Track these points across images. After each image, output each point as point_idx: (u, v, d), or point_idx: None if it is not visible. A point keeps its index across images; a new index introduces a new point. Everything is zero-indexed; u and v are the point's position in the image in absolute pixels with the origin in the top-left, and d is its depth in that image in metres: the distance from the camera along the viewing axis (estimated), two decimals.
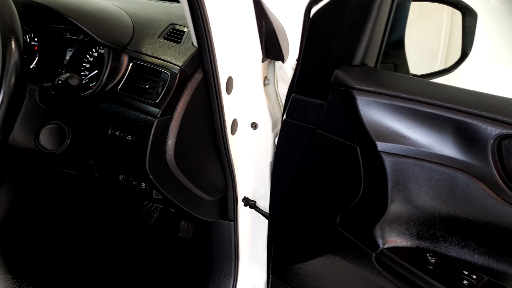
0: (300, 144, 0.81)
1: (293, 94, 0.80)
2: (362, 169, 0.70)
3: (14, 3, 0.72)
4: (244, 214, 1.08)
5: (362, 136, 0.68)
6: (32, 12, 0.77)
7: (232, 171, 0.99)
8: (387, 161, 0.66)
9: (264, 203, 1.06)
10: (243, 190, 1.05)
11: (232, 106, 0.92)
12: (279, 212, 0.89)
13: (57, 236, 1.44)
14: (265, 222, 1.08)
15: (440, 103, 0.62)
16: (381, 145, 0.66)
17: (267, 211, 1.05)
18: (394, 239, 0.72)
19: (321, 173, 0.79)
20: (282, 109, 1.02)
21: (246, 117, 0.97)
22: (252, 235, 1.13)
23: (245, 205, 1.06)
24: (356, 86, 0.67)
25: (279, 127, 1.02)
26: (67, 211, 1.47)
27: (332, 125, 0.74)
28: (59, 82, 0.76)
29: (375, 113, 0.66)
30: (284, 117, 0.83)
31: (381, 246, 0.72)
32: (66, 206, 1.46)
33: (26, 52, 1.01)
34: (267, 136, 0.98)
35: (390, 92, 0.65)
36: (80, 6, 0.88)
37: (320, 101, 0.75)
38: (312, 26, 0.73)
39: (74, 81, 0.76)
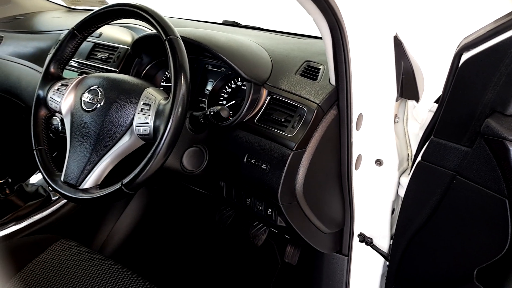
0: (436, 189, 0.79)
1: (432, 137, 0.78)
2: (510, 224, 0.66)
3: None
4: (359, 250, 1.07)
5: None
6: (187, 48, 0.87)
7: (352, 205, 1.00)
8: None
9: (381, 242, 1.04)
10: (360, 225, 1.04)
11: (359, 142, 0.93)
12: (404, 255, 0.87)
13: (174, 244, 1.57)
14: (380, 261, 1.06)
15: None
16: None
17: (384, 250, 1.03)
18: None
19: (459, 221, 0.75)
20: (409, 148, 1.01)
21: (371, 154, 0.98)
22: (365, 272, 1.11)
23: (360, 241, 1.05)
24: (511, 138, 0.64)
25: (404, 165, 1.00)
26: (187, 223, 1.60)
27: (477, 174, 0.71)
28: (212, 113, 0.85)
29: None
30: (419, 159, 0.82)
31: None
32: (187, 219, 1.60)
33: None
34: (392, 174, 0.97)
35: None
36: (230, 44, 0.98)
37: (464, 147, 0.73)
38: (462, 72, 0.72)
39: (224, 113, 0.85)
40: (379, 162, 0.98)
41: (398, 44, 0.85)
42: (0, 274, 0.95)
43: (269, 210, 0.95)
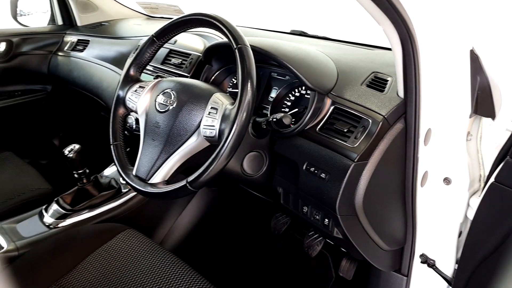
0: (509, 213, 0.73)
1: (508, 158, 0.73)
2: None
3: None
4: (420, 272, 1.02)
5: None
6: (254, 56, 0.90)
7: (415, 224, 0.96)
8: None
9: (445, 265, 0.98)
10: (422, 246, 0.99)
11: (426, 158, 0.90)
12: (469, 281, 0.82)
13: (229, 245, 1.61)
14: (443, 285, 1.00)
15: None
16: None
17: (448, 274, 0.97)
18: None
19: None
20: (481, 168, 0.94)
21: (439, 171, 0.93)
22: None
23: (422, 262, 1.00)
24: None
25: (475, 186, 0.94)
26: (243, 226, 1.63)
27: None
28: (274, 119, 0.87)
29: None
30: (492, 180, 0.76)
31: None
32: (243, 222, 1.63)
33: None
34: (462, 195, 0.91)
35: None
36: (295, 53, 0.99)
37: None
38: None
39: (287, 120, 0.86)
40: (447, 181, 0.93)
41: (474, 59, 0.80)
42: (74, 255, 1.05)
43: (326, 220, 0.94)
